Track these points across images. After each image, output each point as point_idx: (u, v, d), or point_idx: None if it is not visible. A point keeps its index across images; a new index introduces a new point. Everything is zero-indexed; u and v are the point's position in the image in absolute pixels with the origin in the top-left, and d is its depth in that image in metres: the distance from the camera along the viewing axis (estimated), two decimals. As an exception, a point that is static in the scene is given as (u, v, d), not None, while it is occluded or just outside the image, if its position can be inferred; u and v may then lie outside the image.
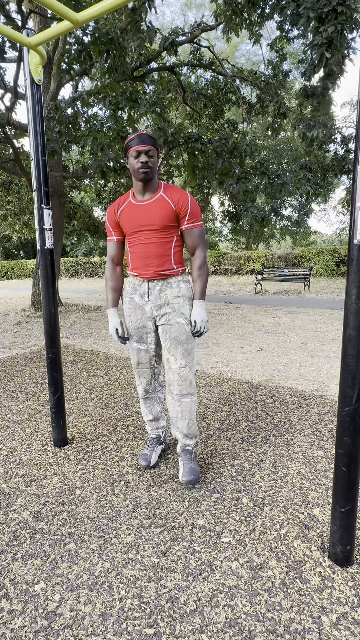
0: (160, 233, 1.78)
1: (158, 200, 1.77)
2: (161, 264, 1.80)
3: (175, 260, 1.83)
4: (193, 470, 1.81)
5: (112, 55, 4.98)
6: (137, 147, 1.72)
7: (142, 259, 1.82)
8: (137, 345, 1.92)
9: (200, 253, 1.81)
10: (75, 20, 1.71)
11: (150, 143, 1.74)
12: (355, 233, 1.15)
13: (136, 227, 1.80)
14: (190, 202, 1.77)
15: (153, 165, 1.75)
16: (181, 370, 1.81)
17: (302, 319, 6.50)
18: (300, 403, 2.78)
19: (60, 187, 8.04)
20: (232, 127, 8.59)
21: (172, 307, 1.82)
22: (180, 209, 1.77)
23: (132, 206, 1.81)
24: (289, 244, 33.30)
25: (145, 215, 1.77)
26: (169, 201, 1.76)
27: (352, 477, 1.26)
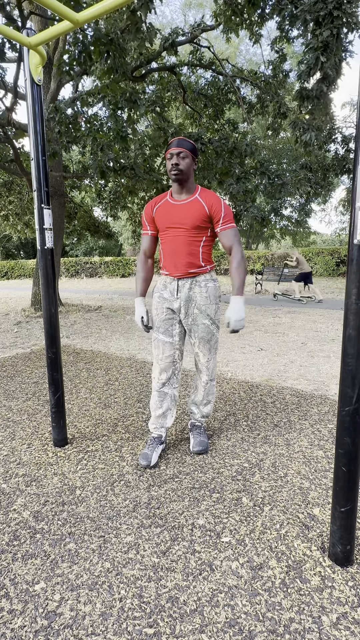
0: (190, 232, 1.88)
1: (193, 201, 1.88)
2: (190, 261, 1.91)
3: (203, 259, 1.93)
4: (203, 442, 2.09)
5: (112, 55, 4.98)
6: (171, 150, 1.84)
7: (172, 256, 1.93)
8: (163, 337, 2.01)
9: (238, 250, 1.87)
10: (76, 21, 1.71)
11: (183, 146, 1.83)
12: (355, 233, 1.15)
13: (169, 224, 1.91)
14: (223, 206, 1.87)
15: (184, 167, 1.83)
16: (208, 363, 2.07)
17: (302, 319, 6.50)
18: (300, 403, 2.78)
19: (61, 187, 8.04)
20: (232, 127, 8.59)
21: (199, 308, 1.95)
22: (214, 212, 1.86)
23: (168, 204, 1.93)
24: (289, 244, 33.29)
25: (179, 214, 1.88)
26: (204, 204, 1.86)
27: (352, 477, 1.27)
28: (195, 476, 1.87)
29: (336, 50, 4.64)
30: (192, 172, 1.89)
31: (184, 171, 1.84)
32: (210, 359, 2.08)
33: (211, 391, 2.16)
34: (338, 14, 4.41)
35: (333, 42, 4.55)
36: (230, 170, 7.08)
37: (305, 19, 4.63)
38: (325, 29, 4.48)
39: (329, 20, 4.50)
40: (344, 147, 8.02)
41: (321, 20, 4.57)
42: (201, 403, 2.15)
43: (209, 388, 2.14)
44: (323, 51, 4.64)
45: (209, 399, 2.16)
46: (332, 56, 4.66)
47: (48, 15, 6.62)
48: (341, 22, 4.46)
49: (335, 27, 4.48)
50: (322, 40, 4.55)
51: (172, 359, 2.04)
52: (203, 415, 2.19)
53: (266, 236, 26.44)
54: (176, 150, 1.83)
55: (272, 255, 18.31)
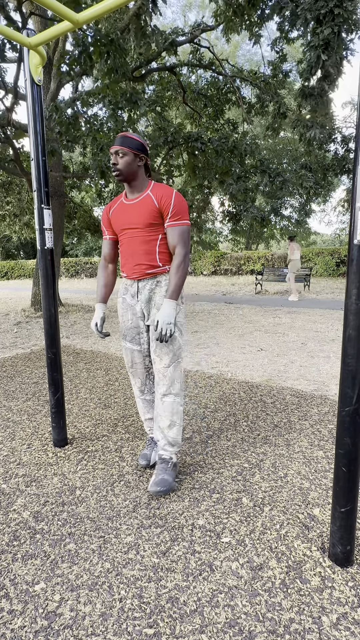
0: (144, 231, 1.77)
1: (144, 198, 1.77)
2: (147, 261, 1.79)
3: (161, 259, 1.80)
4: (163, 482, 1.74)
5: (112, 56, 4.98)
6: (111, 149, 1.75)
7: (129, 257, 1.83)
8: (130, 345, 1.92)
9: (180, 252, 1.74)
10: (76, 21, 1.71)
11: (121, 143, 1.72)
12: (355, 233, 1.15)
13: (123, 226, 1.82)
14: (174, 199, 1.73)
15: (123, 166, 1.73)
16: (165, 369, 1.80)
17: (302, 319, 6.50)
18: (300, 403, 2.78)
19: (61, 187, 8.04)
20: (232, 126, 8.59)
21: (157, 307, 1.81)
22: (163, 206, 1.74)
23: (122, 206, 1.84)
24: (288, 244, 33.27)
25: (132, 214, 1.79)
26: (154, 199, 1.75)
27: (352, 477, 1.26)
28: (195, 476, 1.87)
29: (337, 48, 4.65)
30: (137, 169, 1.77)
31: (123, 170, 1.74)
32: (169, 365, 1.80)
33: (175, 410, 1.81)
34: (339, 12, 4.42)
35: (334, 40, 4.56)
36: (230, 170, 7.08)
37: (306, 18, 4.63)
38: (326, 27, 4.48)
39: (330, 18, 4.50)
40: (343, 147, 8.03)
41: (322, 19, 4.57)
42: (164, 424, 1.82)
43: (168, 405, 1.80)
44: (324, 49, 4.65)
45: (172, 419, 1.81)
46: (333, 54, 4.66)
47: (48, 15, 6.62)
48: (342, 20, 4.46)
49: (336, 25, 4.48)
50: (323, 38, 4.55)
51: (143, 365, 1.94)
52: (169, 442, 1.82)
53: (266, 236, 26.44)
54: (114, 149, 1.74)
55: (272, 256, 18.31)
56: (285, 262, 17.85)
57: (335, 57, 4.74)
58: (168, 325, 1.68)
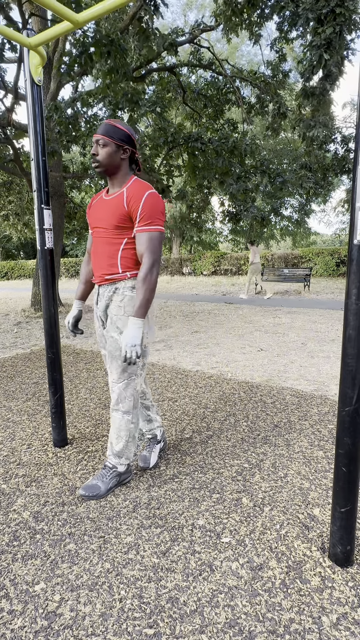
0: (109, 232, 1.63)
1: (117, 197, 1.61)
2: (107, 266, 1.65)
3: (123, 264, 1.63)
4: (93, 487, 1.70)
5: (112, 56, 4.99)
6: (93, 137, 1.60)
7: (94, 259, 1.71)
8: (103, 351, 1.85)
9: (147, 261, 1.55)
10: (76, 21, 1.71)
11: (104, 132, 1.57)
12: (355, 233, 1.15)
13: (94, 223, 1.70)
14: (144, 201, 1.54)
15: (103, 157, 1.58)
16: (113, 384, 1.70)
17: (302, 319, 6.50)
18: (300, 403, 2.78)
19: (61, 187, 8.04)
20: (232, 127, 8.60)
21: (111, 319, 1.67)
22: (132, 208, 1.56)
23: (100, 201, 1.69)
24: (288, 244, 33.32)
25: (103, 212, 1.65)
26: (124, 199, 1.58)
27: (352, 477, 1.26)
28: (195, 477, 1.87)
29: (339, 47, 4.65)
30: (119, 162, 1.61)
31: (102, 162, 1.59)
32: (118, 382, 1.67)
33: (122, 426, 1.71)
34: (340, 11, 4.42)
35: (336, 39, 4.56)
36: (230, 170, 7.08)
37: (307, 18, 4.64)
38: (328, 27, 4.48)
39: (332, 18, 4.51)
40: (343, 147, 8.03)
41: (323, 18, 4.58)
42: (112, 436, 1.75)
43: (115, 421, 1.72)
44: (326, 48, 4.65)
45: (119, 435, 1.72)
46: (335, 54, 4.67)
47: (48, 16, 6.62)
48: (343, 19, 4.47)
49: (338, 25, 4.49)
50: (325, 37, 4.55)
51: None
52: (114, 454, 1.75)
53: (266, 237, 26.44)
54: (94, 138, 1.58)
55: (272, 256, 18.32)
56: (285, 262, 17.86)
57: (337, 56, 4.75)
58: (133, 348, 1.51)
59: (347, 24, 4.56)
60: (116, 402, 1.71)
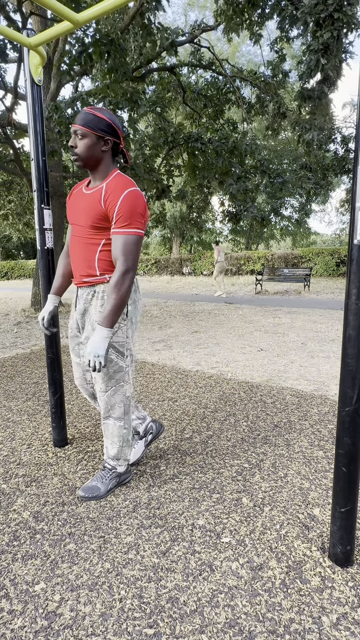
0: (86, 232, 1.51)
1: (95, 192, 1.47)
2: (85, 268, 1.55)
3: (100, 266, 1.53)
4: (92, 489, 1.69)
5: (112, 56, 4.99)
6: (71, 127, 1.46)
7: (72, 259, 1.62)
8: (73, 356, 1.76)
9: (120, 267, 1.42)
10: (76, 21, 1.71)
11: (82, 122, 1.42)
12: (355, 233, 1.15)
13: (71, 220, 1.59)
14: (122, 200, 1.40)
15: (81, 150, 1.45)
16: (101, 394, 1.64)
17: (302, 319, 6.50)
18: (300, 403, 2.78)
19: (61, 187, 8.04)
20: (232, 127, 8.60)
21: (92, 325, 1.59)
22: (109, 207, 1.43)
23: (79, 194, 1.56)
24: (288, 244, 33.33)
25: (81, 208, 1.52)
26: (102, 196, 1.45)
27: (352, 477, 1.26)
28: (195, 476, 1.87)
29: (336, 52, 4.66)
30: (100, 154, 1.47)
31: (81, 155, 1.46)
32: (107, 391, 1.62)
33: (114, 432, 1.68)
34: (339, 16, 4.43)
35: (333, 44, 4.57)
36: (230, 170, 7.08)
37: (305, 21, 4.64)
38: (326, 31, 4.49)
39: (330, 22, 4.51)
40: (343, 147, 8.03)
41: (322, 22, 4.58)
42: (106, 441, 1.73)
43: (108, 428, 1.69)
44: (323, 53, 4.65)
45: (113, 440, 1.69)
46: (332, 58, 4.67)
47: (48, 15, 6.62)
48: (341, 24, 4.47)
49: (336, 29, 4.49)
50: (322, 42, 4.56)
51: (84, 380, 1.77)
52: (110, 457, 1.73)
53: (266, 236, 26.45)
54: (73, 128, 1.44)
55: (272, 256, 18.32)
56: (285, 262, 17.87)
57: (335, 60, 4.76)
58: (96, 358, 1.43)
59: (345, 28, 4.56)
60: (106, 411, 1.66)
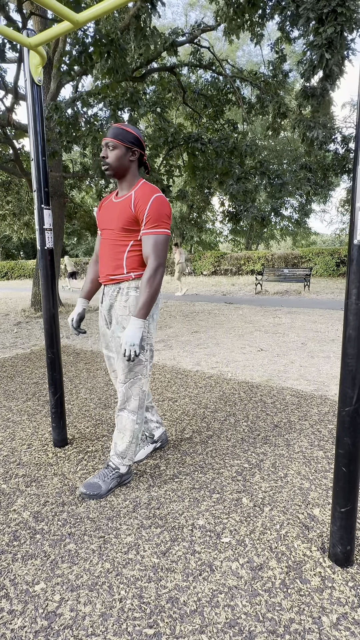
0: (116, 234, 1.67)
1: (126, 199, 1.64)
2: (113, 267, 1.69)
3: (128, 265, 1.67)
4: (93, 485, 1.72)
5: (112, 56, 4.99)
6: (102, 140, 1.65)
7: (101, 259, 1.76)
8: (105, 351, 1.88)
9: (151, 264, 1.59)
10: (76, 21, 1.71)
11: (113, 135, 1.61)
12: (355, 233, 1.15)
13: (102, 225, 1.74)
14: (151, 205, 1.57)
15: (112, 160, 1.62)
16: (120, 385, 1.73)
17: (302, 319, 6.50)
18: (300, 403, 2.78)
19: (60, 187, 8.04)
20: (232, 127, 8.60)
21: (116, 319, 1.71)
22: (138, 211, 1.59)
23: (110, 203, 1.74)
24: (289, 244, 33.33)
25: (111, 214, 1.69)
26: (132, 201, 1.61)
27: (352, 477, 1.26)
28: (195, 477, 1.87)
29: (340, 47, 4.65)
30: (128, 164, 1.65)
31: (112, 165, 1.62)
32: (126, 383, 1.71)
33: (127, 425, 1.73)
34: (342, 11, 4.42)
35: (337, 39, 4.56)
36: (230, 170, 7.08)
37: (308, 17, 4.64)
38: (329, 26, 4.48)
39: (333, 18, 4.51)
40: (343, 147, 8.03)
41: (324, 18, 4.58)
42: (116, 435, 1.77)
43: (121, 420, 1.74)
44: (327, 48, 4.65)
45: (124, 432, 1.74)
46: (336, 53, 4.67)
47: (48, 16, 6.62)
48: (345, 19, 4.47)
49: (339, 24, 4.49)
50: (326, 37, 4.55)
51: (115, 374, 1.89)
52: (117, 454, 1.76)
53: (266, 236, 26.45)
54: (105, 141, 1.62)
55: (272, 256, 18.32)
56: (285, 262, 17.87)
57: (338, 56, 4.75)
58: (132, 347, 1.56)
59: (348, 24, 4.56)
60: (122, 402, 1.73)
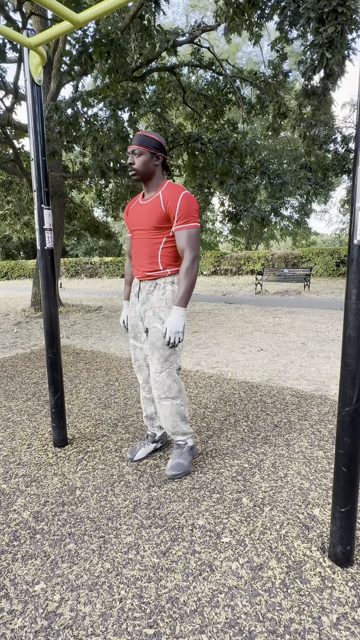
0: (149, 233, 1.77)
1: (154, 200, 1.76)
2: (149, 264, 1.80)
3: (163, 262, 1.78)
4: (178, 465, 1.85)
5: (112, 56, 4.98)
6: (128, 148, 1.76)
7: (135, 258, 1.86)
8: (133, 342, 1.99)
9: (188, 256, 1.70)
10: (76, 21, 1.71)
11: (138, 142, 1.72)
12: (355, 233, 1.15)
13: (134, 226, 1.84)
14: (180, 202, 1.68)
15: (139, 165, 1.73)
16: (156, 375, 1.81)
17: (302, 319, 6.50)
18: (300, 403, 2.78)
19: (60, 187, 8.04)
20: (232, 127, 8.60)
21: (153, 311, 1.80)
22: (169, 210, 1.70)
23: (137, 205, 1.85)
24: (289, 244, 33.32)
25: (141, 214, 1.79)
26: (162, 201, 1.72)
27: (352, 477, 1.26)
28: (195, 476, 1.87)
29: (340, 46, 4.65)
30: (154, 168, 1.76)
31: (139, 170, 1.74)
32: (161, 372, 1.79)
33: (173, 411, 1.84)
34: (342, 10, 4.42)
35: (338, 38, 4.56)
36: (230, 170, 7.08)
37: (309, 17, 4.63)
38: (330, 26, 4.48)
39: (333, 17, 4.51)
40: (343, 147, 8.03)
41: (325, 17, 4.57)
42: (169, 427, 1.88)
43: (167, 408, 1.83)
44: (328, 47, 4.65)
45: (174, 420, 1.85)
46: (336, 53, 4.67)
47: (48, 15, 6.62)
48: (345, 19, 4.47)
49: (340, 24, 4.49)
50: (326, 36, 4.55)
51: (144, 362, 1.97)
52: (176, 434, 1.90)
53: (266, 236, 26.44)
54: (131, 148, 1.74)
55: (272, 256, 18.32)
56: (285, 262, 17.87)
57: (338, 55, 4.75)
58: (177, 334, 1.68)
59: (349, 23, 4.56)
60: (163, 392, 1.81)
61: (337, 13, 4.50)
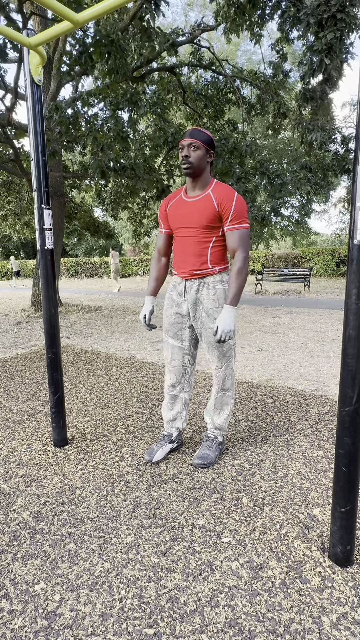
0: (199, 231, 1.76)
1: (204, 198, 1.74)
2: (197, 263, 1.80)
3: (212, 260, 1.80)
4: (206, 456, 1.94)
5: (112, 56, 4.98)
6: (182, 141, 1.73)
7: (181, 256, 1.84)
8: (172, 341, 1.97)
9: (240, 256, 1.74)
10: (76, 21, 1.71)
11: (195, 136, 1.70)
12: (355, 233, 1.15)
13: (179, 224, 1.82)
14: (235, 202, 1.71)
15: (195, 160, 1.71)
16: (217, 371, 1.93)
17: (302, 319, 6.50)
18: (300, 403, 2.78)
19: (61, 187, 8.04)
20: (232, 127, 8.59)
21: (206, 312, 1.83)
22: (224, 210, 1.71)
23: (181, 202, 1.82)
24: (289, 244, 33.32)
25: (189, 212, 1.77)
26: (214, 200, 1.72)
27: (352, 477, 1.26)
28: (195, 476, 1.87)
29: (339, 52, 4.66)
30: (206, 165, 1.75)
31: (194, 164, 1.72)
32: (222, 367, 1.92)
33: (224, 402, 1.99)
34: (341, 17, 4.42)
35: (336, 44, 4.57)
36: (230, 171, 7.08)
37: (308, 22, 4.64)
38: (329, 32, 4.49)
39: (332, 23, 4.51)
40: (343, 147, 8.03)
41: (324, 23, 4.58)
42: (214, 412, 2.02)
43: (220, 398, 1.99)
44: (327, 53, 4.65)
45: (221, 408, 2.00)
46: (335, 58, 4.67)
47: (48, 15, 6.63)
48: (344, 25, 4.47)
49: (339, 30, 4.49)
50: (325, 42, 4.55)
51: (181, 362, 1.98)
52: (216, 427, 2.02)
53: (266, 237, 26.43)
54: (187, 142, 1.71)
55: (272, 256, 18.32)
56: (285, 262, 17.88)
57: (337, 60, 4.75)
58: (228, 333, 1.71)
59: (348, 29, 4.56)
60: (222, 384, 1.94)
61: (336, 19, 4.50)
